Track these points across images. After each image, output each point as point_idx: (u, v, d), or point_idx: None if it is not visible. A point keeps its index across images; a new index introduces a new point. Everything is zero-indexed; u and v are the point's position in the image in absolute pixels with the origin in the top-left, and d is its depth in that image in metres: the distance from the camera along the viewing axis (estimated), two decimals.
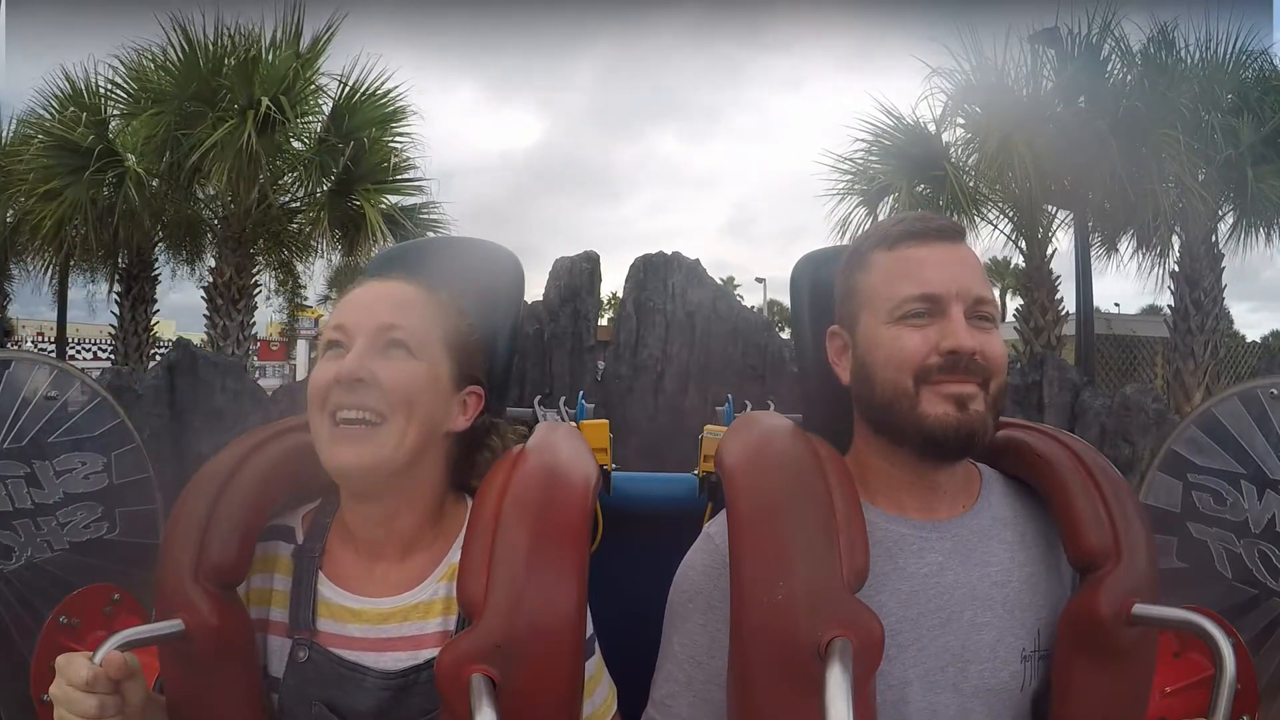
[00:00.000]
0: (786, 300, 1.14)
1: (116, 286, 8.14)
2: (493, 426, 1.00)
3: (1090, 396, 3.99)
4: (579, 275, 4.86)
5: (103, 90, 7.11)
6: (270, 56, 6.92)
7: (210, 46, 6.82)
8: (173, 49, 6.84)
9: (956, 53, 6.99)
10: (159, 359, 4.16)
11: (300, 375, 14.61)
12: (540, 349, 4.75)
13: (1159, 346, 9.47)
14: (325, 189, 7.40)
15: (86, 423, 1.83)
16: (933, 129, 7.50)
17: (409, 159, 7.56)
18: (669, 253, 4.91)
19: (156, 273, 8.26)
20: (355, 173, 7.19)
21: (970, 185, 7.31)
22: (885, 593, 0.84)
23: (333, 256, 8.35)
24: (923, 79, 7.16)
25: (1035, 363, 4.17)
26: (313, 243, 8.17)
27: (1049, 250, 7.53)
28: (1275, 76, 7.05)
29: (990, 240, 7.90)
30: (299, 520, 0.95)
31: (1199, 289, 7.11)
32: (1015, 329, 7.63)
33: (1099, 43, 6.84)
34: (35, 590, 1.70)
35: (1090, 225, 7.26)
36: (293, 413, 0.99)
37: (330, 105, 7.24)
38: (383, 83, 7.23)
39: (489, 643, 0.73)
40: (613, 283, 12.98)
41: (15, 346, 10.84)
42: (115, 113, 7.21)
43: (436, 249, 1.29)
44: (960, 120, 7.36)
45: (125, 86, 7.12)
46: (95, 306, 9.14)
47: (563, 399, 1.91)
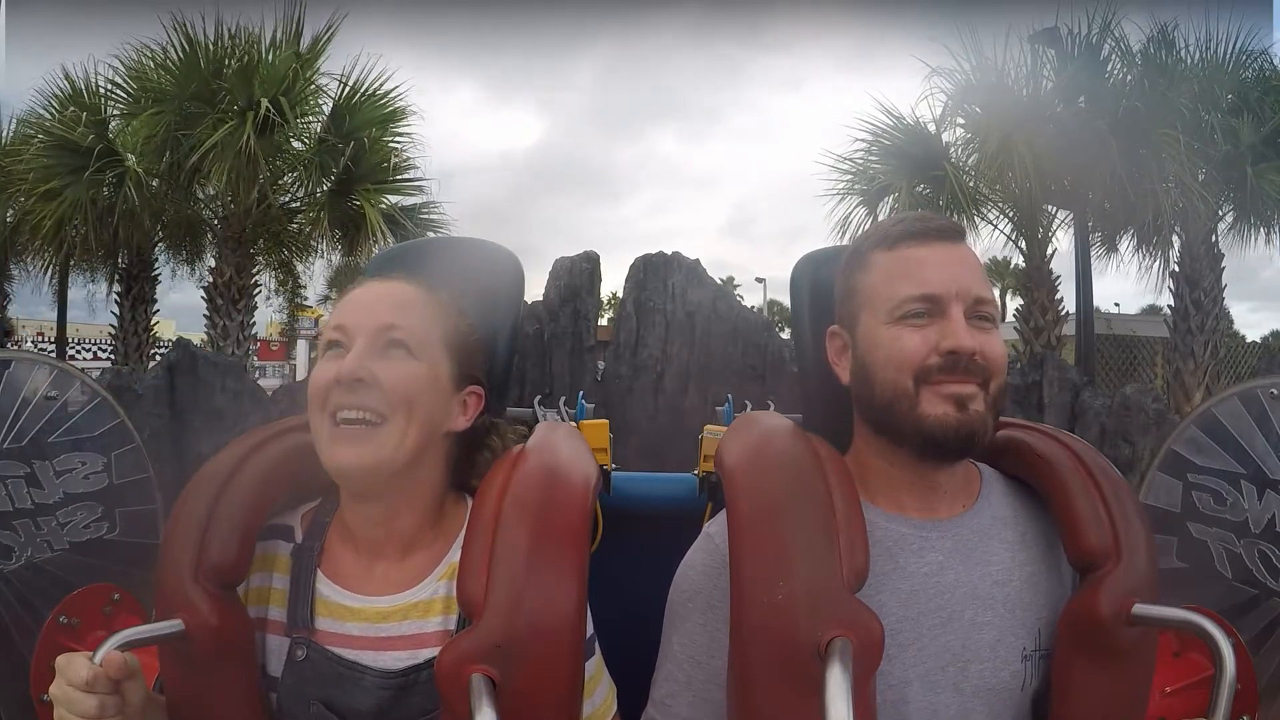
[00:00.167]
0: (786, 300, 1.14)
1: (116, 286, 8.15)
2: (493, 426, 1.00)
3: (1090, 396, 3.98)
4: (579, 275, 4.86)
5: (103, 90, 7.12)
6: (270, 57, 6.93)
7: (210, 47, 6.83)
8: (173, 49, 6.84)
9: (956, 53, 7.01)
10: (159, 359, 4.16)
11: (300, 375, 14.61)
12: (540, 349, 4.75)
13: (1159, 346, 9.47)
14: (325, 189, 7.40)
15: (86, 423, 1.83)
16: (933, 129, 7.50)
17: (409, 159, 7.58)
18: (669, 253, 4.92)
19: (156, 273, 8.27)
20: (355, 173, 7.19)
21: (970, 185, 7.31)
22: (885, 592, 0.84)
23: (333, 256, 8.37)
24: (923, 79, 7.18)
25: (1035, 363, 4.17)
26: (313, 243, 8.17)
27: (1049, 250, 7.54)
28: (1275, 76, 7.05)
29: (990, 240, 7.92)
30: (298, 519, 0.95)
31: (1199, 289, 7.11)
32: (1015, 329, 7.63)
33: (1099, 43, 6.84)
34: (35, 590, 1.70)
35: (1090, 225, 7.26)
36: (293, 413, 0.99)
37: (330, 105, 7.25)
38: (383, 83, 7.25)
39: (489, 643, 0.73)
40: (613, 283, 12.98)
41: (15, 346, 10.84)
42: (115, 113, 7.21)
43: (436, 249, 1.29)
44: (960, 120, 7.37)
45: (125, 86, 7.12)
46: (95, 306, 9.15)
47: (563, 399, 1.91)
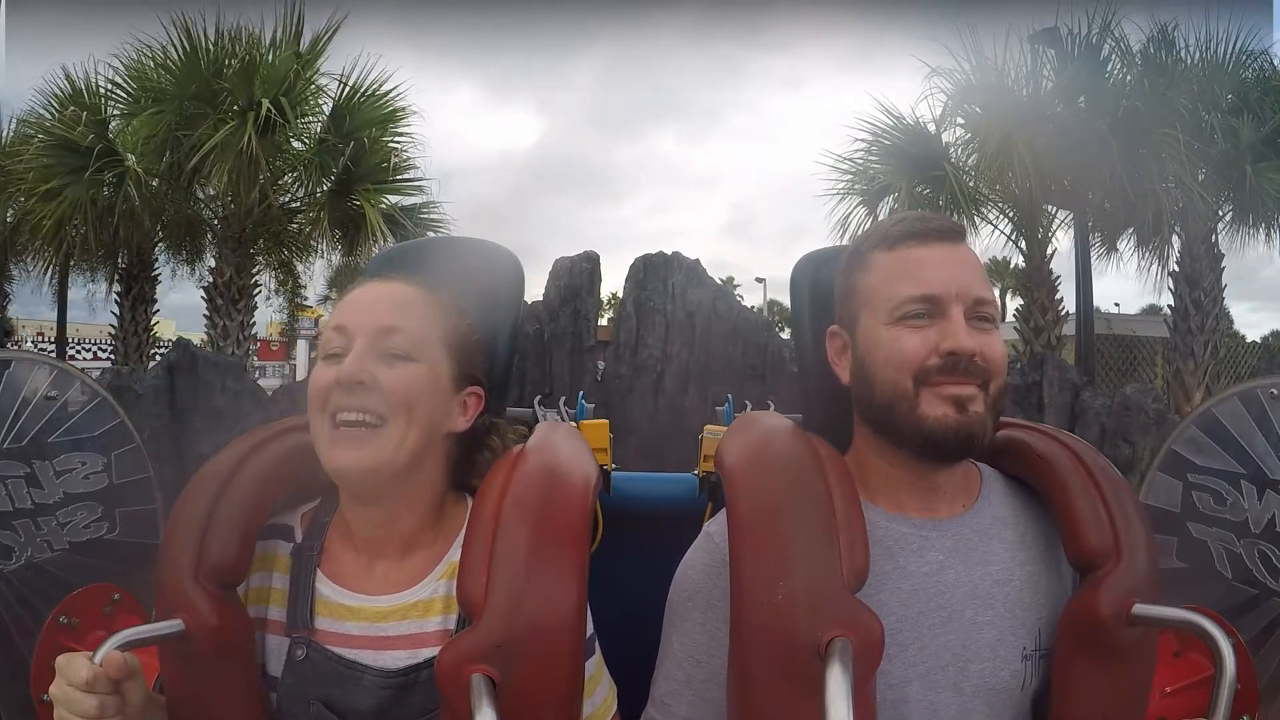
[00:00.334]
0: (786, 300, 1.14)
1: (116, 286, 8.15)
2: (493, 426, 0.99)
3: (1090, 396, 3.99)
4: (579, 275, 4.86)
5: (103, 90, 7.12)
6: (270, 57, 6.93)
7: (210, 47, 6.83)
8: (173, 49, 6.85)
9: (956, 53, 7.01)
10: (159, 359, 4.16)
11: (300, 375, 14.60)
12: (540, 349, 4.75)
13: (1159, 346, 9.47)
14: (325, 189, 7.40)
15: (86, 423, 1.83)
16: (933, 129, 7.50)
17: (409, 159, 7.59)
18: (669, 253, 4.92)
19: (156, 273, 8.27)
20: (355, 173, 7.19)
21: (970, 185, 7.31)
22: (885, 591, 0.84)
23: (333, 256, 8.37)
24: (923, 79, 7.18)
25: (1035, 363, 4.17)
26: (313, 243, 8.18)
27: (1049, 250, 7.54)
28: (1275, 76, 7.05)
29: (990, 240, 7.90)
30: (298, 519, 0.95)
31: (1199, 289, 7.11)
32: (1015, 329, 7.63)
33: (1099, 43, 6.85)
34: (35, 590, 1.70)
35: (1090, 225, 7.26)
36: (293, 413, 0.99)
37: (330, 105, 7.25)
38: (383, 83, 7.26)
39: (489, 642, 0.73)
40: (613, 283, 12.96)
41: (15, 346, 10.83)
42: (115, 113, 7.21)
43: (436, 249, 1.29)
44: (960, 120, 7.37)
45: (125, 86, 7.13)
46: (95, 306, 9.15)
47: (563, 399, 1.91)
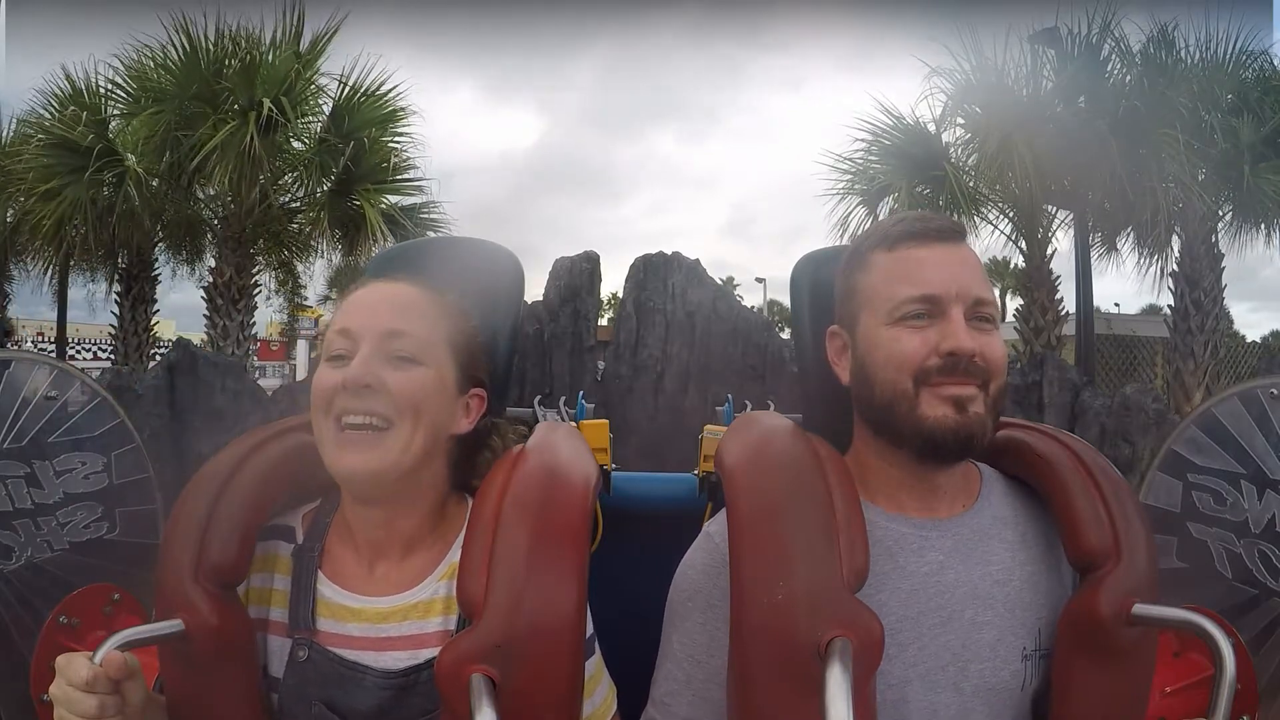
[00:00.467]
0: (786, 300, 1.14)
1: (116, 286, 8.15)
2: (493, 427, 0.99)
3: (1090, 396, 3.99)
4: (579, 275, 4.86)
5: (103, 90, 7.11)
6: (271, 57, 6.93)
7: (210, 47, 6.83)
8: (173, 49, 6.85)
9: (956, 53, 7.01)
10: (159, 359, 4.16)
11: (300, 375, 14.57)
12: (540, 349, 4.75)
13: (1159, 346, 9.47)
14: (325, 189, 7.40)
15: (86, 423, 1.83)
16: (933, 129, 7.50)
17: (409, 159, 7.59)
18: (669, 253, 4.92)
19: (156, 273, 8.27)
20: (355, 173, 7.19)
21: (970, 185, 7.31)
22: (886, 591, 0.84)
23: (333, 256, 8.36)
24: (923, 79, 7.18)
25: (1035, 363, 4.17)
26: (313, 243, 8.17)
27: (1049, 250, 7.54)
28: (1275, 76, 7.05)
29: (990, 240, 7.91)
30: (299, 520, 0.95)
31: (1199, 289, 7.11)
32: (1015, 329, 7.63)
33: (1099, 43, 6.84)
34: (35, 590, 1.70)
35: (1090, 225, 7.26)
36: (293, 413, 0.99)
37: (330, 105, 7.25)
38: (382, 83, 7.26)
39: (489, 642, 0.73)
40: (613, 283, 12.94)
41: (15, 346, 10.83)
42: (115, 112, 7.21)
43: (436, 249, 1.29)
44: (960, 120, 7.37)
45: (125, 86, 7.13)
46: (95, 306, 9.16)
47: (563, 399, 1.91)
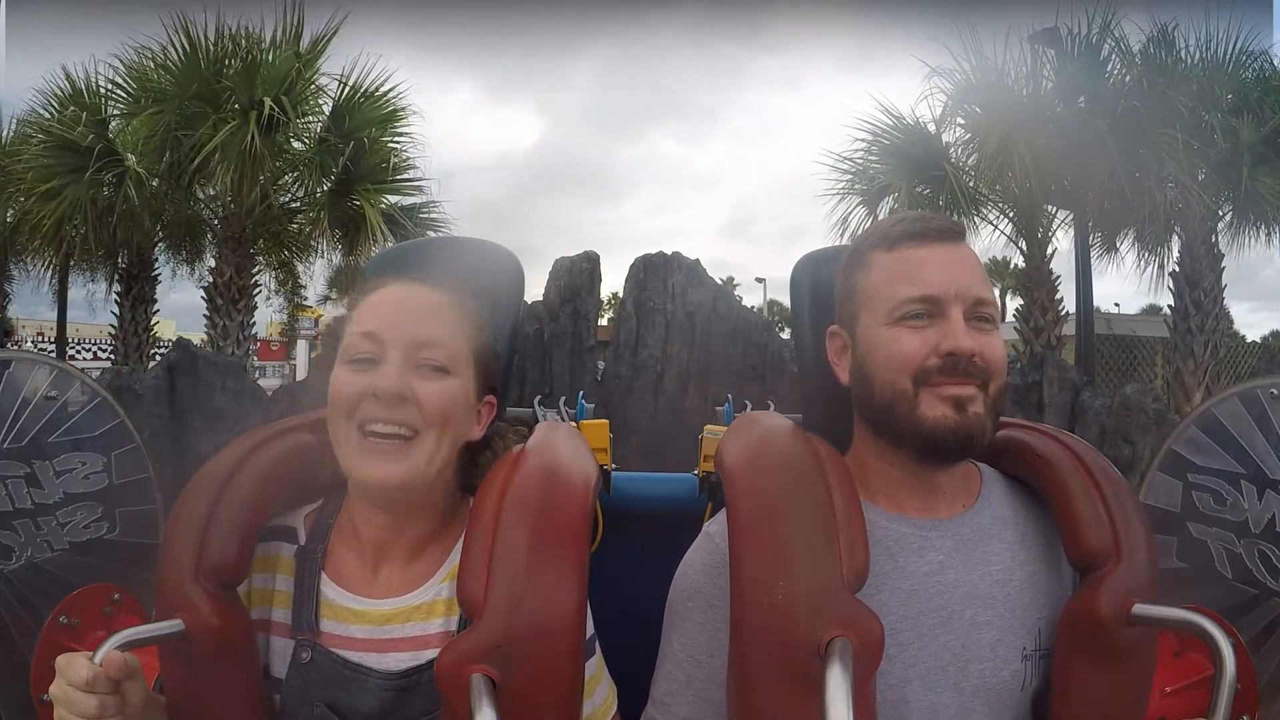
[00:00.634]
0: (786, 300, 1.14)
1: (116, 286, 8.15)
2: (495, 428, 1.00)
3: (1090, 396, 3.98)
4: (579, 275, 4.87)
5: (103, 90, 7.12)
6: (271, 57, 6.93)
7: (211, 47, 6.83)
8: (173, 49, 6.85)
9: (956, 53, 7.01)
10: (159, 359, 4.16)
11: (300, 375, 14.57)
12: (540, 349, 4.75)
13: (1159, 346, 9.47)
14: (325, 189, 7.40)
15: (86, 423, 1.82)
16: (933, 129, 7.51)
17: (409, 159, 7.59)
18: (669, 253, 4.92)
19: (156, 273, 8.27)
20: (355, 173, 7.20)
21: (970, 185, 7.32)
22: (885, 591, 0.84)
23: (333, 256, 8.36)
24: (923, 79, 7.19)
25: (1035, 363, 4.17)
26: (313, 243, 8.17)
27: (1049, 250, 7.54)
28: (1275, 76, 7.04)
29: (990, 240, 7.92)
30: (301, 520, 0.94)
31: (1199, 289, 7.11)
32: (1015, 329, 7.63)
33: (1099, 43, 6.85)
34: (35, 590, 1.70)
35: (1090, 225, 7.26)
36: (293, 413, 0.99)
37: (330, 105, 7.25)
38: (382, 83, 7.26)
39: (489, 643, 0.73)
40: (613, 283, 12.95)
41: (15, 346, 10.83)
42: (115, 112, 7.21)
43: (437, 249, 1.30)
44: (960, 120, 7.37)
45: (125, 86, 7.13)
46: (95, 306, 9.15)
47: (563, 399, 1.91)
